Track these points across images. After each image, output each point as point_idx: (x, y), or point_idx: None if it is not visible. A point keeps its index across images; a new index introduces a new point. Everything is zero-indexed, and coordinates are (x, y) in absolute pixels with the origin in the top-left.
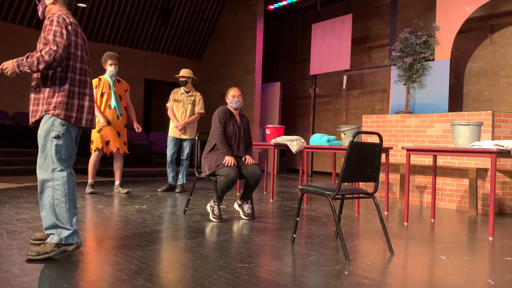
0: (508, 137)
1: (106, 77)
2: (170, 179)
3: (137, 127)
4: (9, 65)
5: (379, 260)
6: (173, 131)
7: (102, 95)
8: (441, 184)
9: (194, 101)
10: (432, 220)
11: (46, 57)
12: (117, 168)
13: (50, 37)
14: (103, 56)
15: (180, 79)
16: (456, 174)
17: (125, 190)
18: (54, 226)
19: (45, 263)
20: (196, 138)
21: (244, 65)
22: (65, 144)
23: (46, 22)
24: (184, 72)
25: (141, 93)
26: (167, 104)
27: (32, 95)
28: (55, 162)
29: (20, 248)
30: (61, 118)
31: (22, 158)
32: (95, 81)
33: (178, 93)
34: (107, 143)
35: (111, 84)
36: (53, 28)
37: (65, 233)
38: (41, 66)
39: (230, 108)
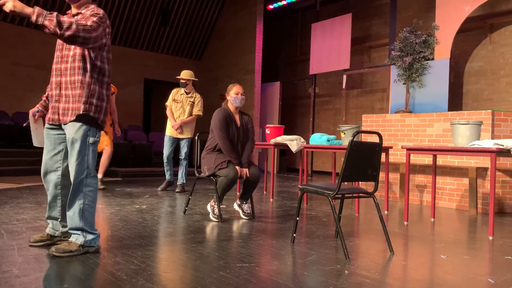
0: (507, 136)
1: None
2: (168, 176)
3: (117, 130)
4: (19, 5)
5: (379, 260)
6: (170, 130)
7: None
8: (441, 183)
9: (193, 102)
10: (432, 219)
11: (80, 28)
12: (103, 163)
13: (91, 18)
14: None
15: (180, 81)
16: (456, 173)
17: (102, 187)
18: (80, 229)
19: (46, 263)
20: (196, 137)
21: (243, 65)
22: (97, 148)
23: (88, 13)
24: (185, 74)
25: (141, 93)
26: (166, 103)
27: (63, 92)
28: (90, 167)
29: (20, 248)
30: (97, 122)
31: (22, 159)
32: None
33: (178, 93)
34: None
35: None
36: (96, 19)
37: (90, 236)
38: (68, 32)
39: (231, 107)
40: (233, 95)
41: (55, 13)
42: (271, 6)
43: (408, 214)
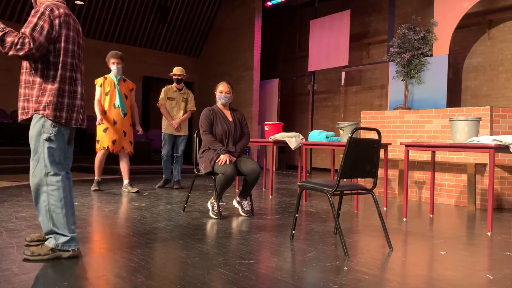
0: (506, 132)
1: (111, 76)
2: (165, 174)
3: (139, 130)
4: None
5: (378, 256)
6: (169, 128)
7: (106, 94)
8: (440, 179)
9: (186, 98)
10: (431, 215)
11: (18, 48)
12: (124, 167)
13: (28, 30)
14: (107, 55)
15: (176, 77)
16: (455, 169)
17: (135, 189)
18: (51, 232)
19: (45, 261)
20: (195, 135)
21: (242, 62)
22: (58, 146)
23: (32, 11)
24: (179, 70)
25: (139, 91)
26: (160, 102)
27: (22, 91)
28: (48, 166)
29: (19, 246)
30: (51, 119)
31: (21, 156)
32: (100, 80)
33: (170, 91)
34: (114, 142)
35: (116, 83)
36: (35, 20)
37: (62, 239)
38: (10, 52)
39: (218, 105)
40: (218, 94)
41: (3, 32)
42: (269, 3)
43: (407, 211)
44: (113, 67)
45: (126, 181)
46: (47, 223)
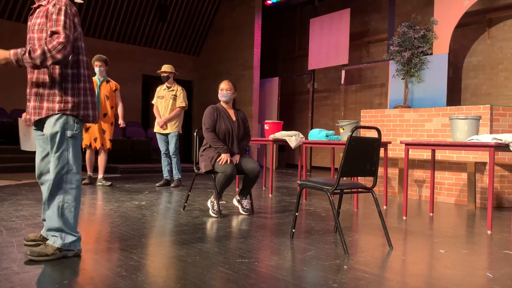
0: (506, 130)
1: (95, 78)
2: (165, 174)
3: (121, 123)
4: (2, 56)
5: (378, 255)
6: (156, 127)
7: None
8: (440, 178)
9: (175, 95)
10: (431, 214)
11: (55, 53)
12: (101, 163)
13: (60, 28)
14: (92, 58)
15: (162, 75)
16: (455, 168)
17: (109, 183)
18: (59, 230)
19: (52, 261)
20: (195, 134)
21: (242, 60)
22: (79, 143)
23: (52, 9)
24: (166, 68)
25: (139, 90)
26: (152, 101)
27: (34, 90)
28: (71, 163)
29: (19, 245)
30: (77, 117)
31: (21, 155)
32: None
33: (161, 89)
34: (95, 139)
35: (98, 84)
36: (62, 18)
37: (70, 238)
38: (48, 63)
39: (222, 104)
40: (219, 91)
41: (27, 51)
42: (269, 1)
43: (406, 209)
44: (96, 69)
45: (100, 176)
46: (57, 220)
